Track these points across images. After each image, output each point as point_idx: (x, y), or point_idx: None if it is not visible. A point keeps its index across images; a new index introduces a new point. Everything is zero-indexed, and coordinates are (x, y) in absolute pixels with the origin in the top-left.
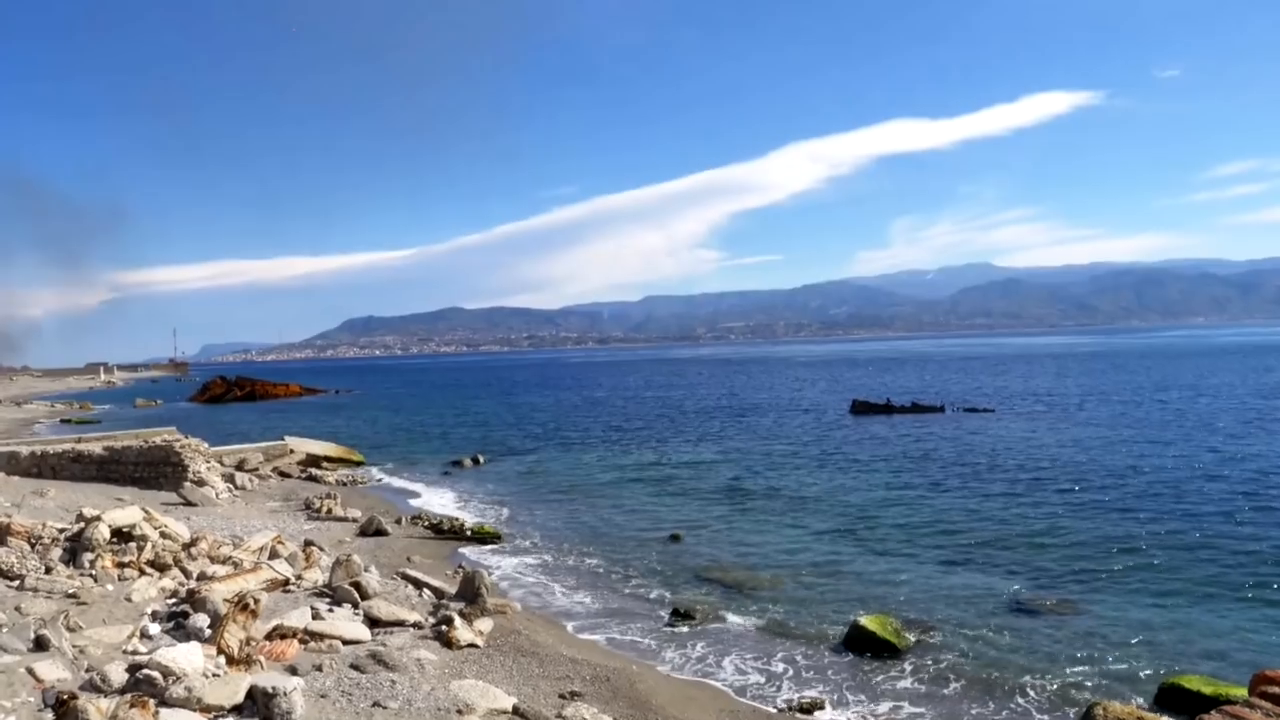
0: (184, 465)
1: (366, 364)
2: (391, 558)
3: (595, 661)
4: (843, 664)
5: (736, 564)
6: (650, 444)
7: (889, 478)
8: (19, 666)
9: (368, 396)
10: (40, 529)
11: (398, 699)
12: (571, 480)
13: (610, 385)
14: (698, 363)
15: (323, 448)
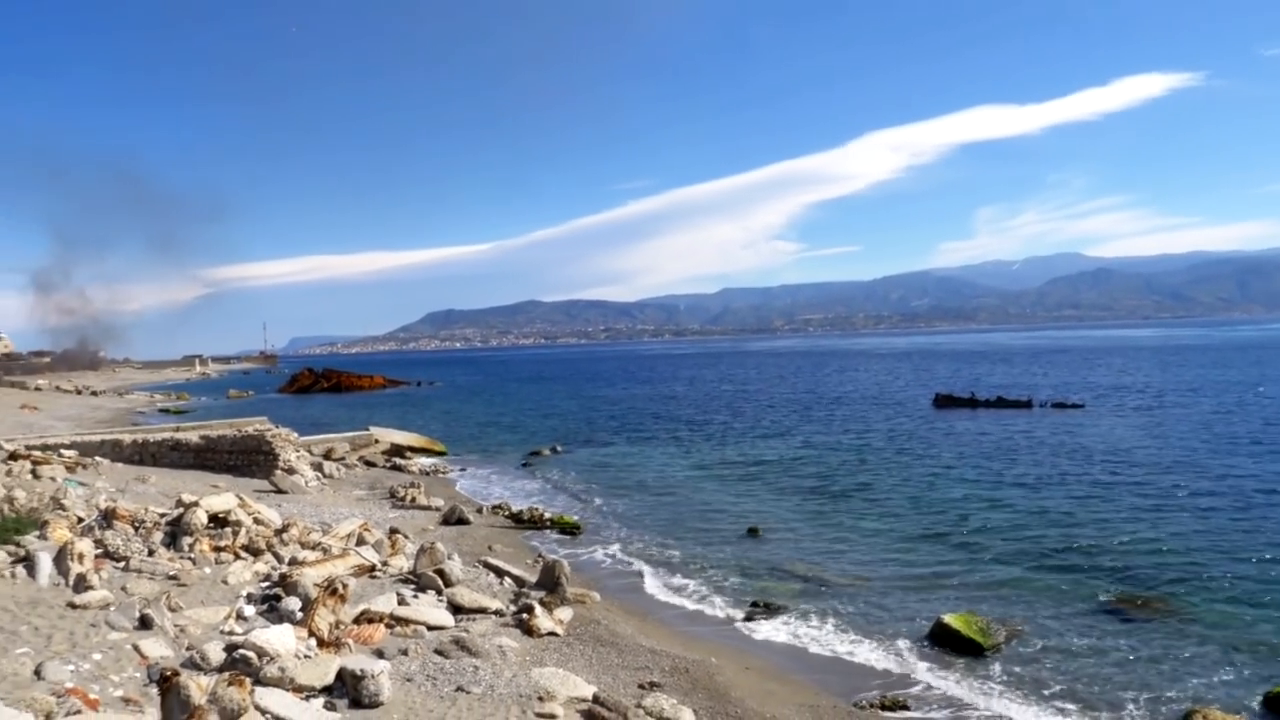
0: (275, 454)
1: (447, 356)
2: (473, 546)
3: (674, 653)
4: (926, 662)
5: (815, 558)
6: (727, 437)
7: (972, 473)
8: (126, 643)
9: (448, 388)
10: (143, 513)
11: (481, 684)
12: (649, 472)
13: (687, 378)
14: (775, 355)
15: (406, 438)
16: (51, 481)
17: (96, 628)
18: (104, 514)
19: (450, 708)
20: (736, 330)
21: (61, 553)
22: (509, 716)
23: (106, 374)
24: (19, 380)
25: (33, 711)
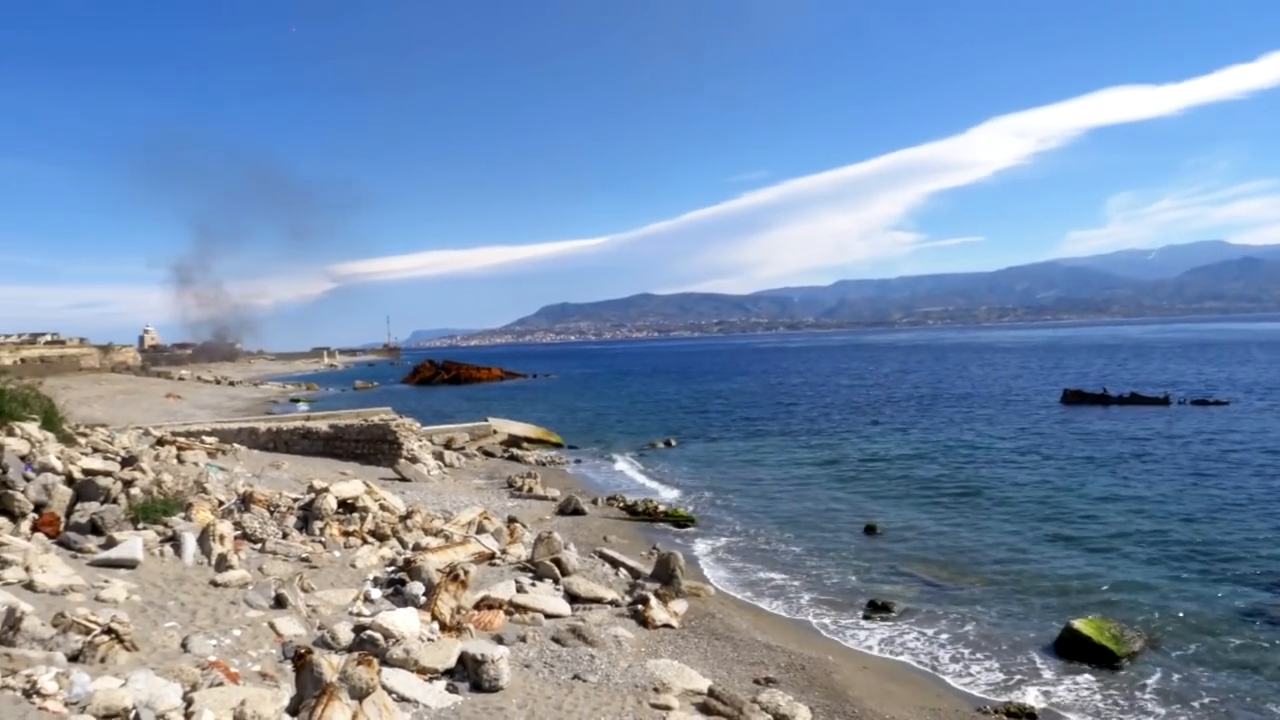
0: (399, 443)
1: (562, 349)
2: (589, 536)
3: (790, 649)
4: (1054, 669)
5: (936, 558)
6: (844, 432)
7: (1103, 473)
8: (262, 621)
9: (563, 380)
10: (277, 498)
11: (596, 673)
12: (764, 466)
13: (802, 371)
14: (893, 349)
15: (523, 429)
16: (194, 466)
17: (236, 605)
18: (242, 498)
19: (567, 695)
20: (852, 323)
21: (204, 534)
22: (625, 706)
23: (243, 365)
24: (164, 371)
25: (180, 682)
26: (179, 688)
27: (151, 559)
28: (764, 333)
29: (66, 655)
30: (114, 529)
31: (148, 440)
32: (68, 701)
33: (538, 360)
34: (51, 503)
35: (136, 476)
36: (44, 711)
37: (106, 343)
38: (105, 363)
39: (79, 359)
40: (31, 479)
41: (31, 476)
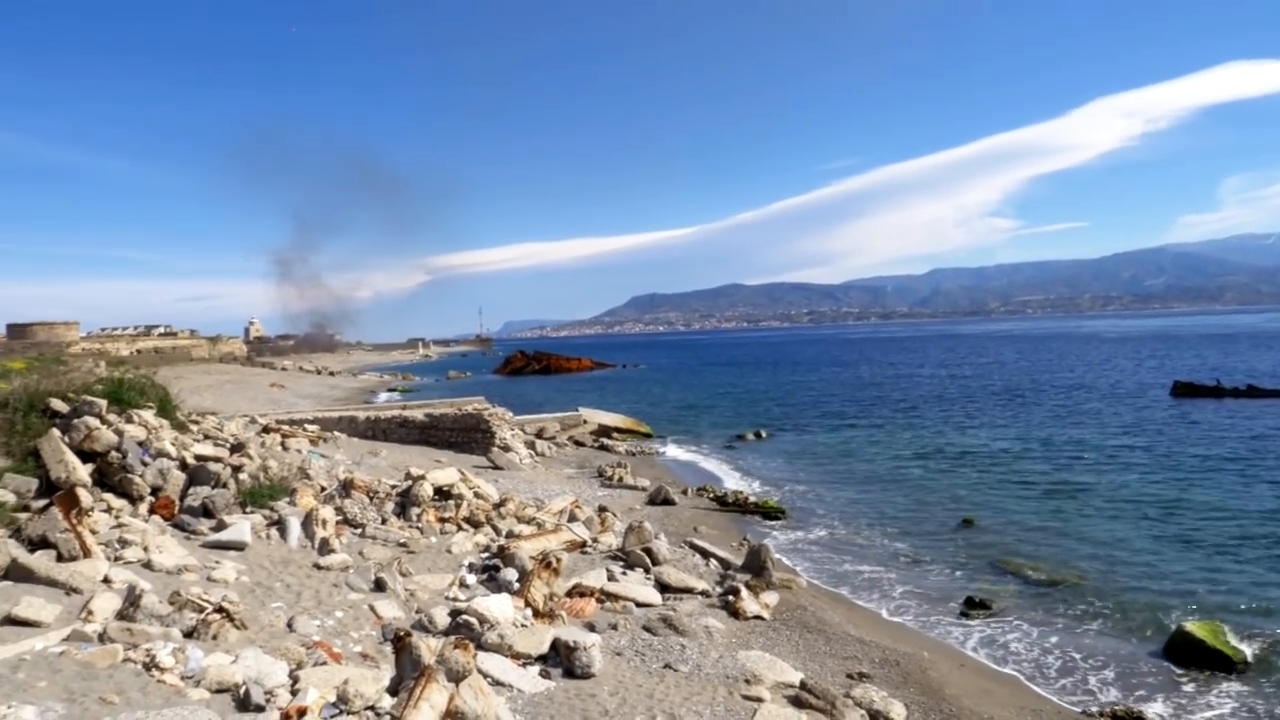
0: (492, 432)
1: (650, 339)
2: (679, 527)
3: (884, 644)
4: (1163, 673)
5: (1037, 554)
6: (939, 424)
7: (1217, 471)
8: (363, 603)
9: (652, 371)
10: (376, 485)
11: (687, 663)
12: (856, 458)
13: (895, 361)
14: (990, 339)
15: (613, 419)
16: (298, 453)
17: (338, 588)
18: (343, 484)
19: (658, 684)
20: (947, 313)
21: (308, 518)
22: (716, 696)
23: (342, 355)
24: (268, 361)
25: (286, 660)
26: (285, 666)
27: (259, 542)
28: (855, 323)
29: (182, 631)
30: (224, 512)
31: (254, 428)
32: (183, 675)
33: (627, 351)
34: (167, 486)
35: (244, 462)
36: (162, 684)
37: (215, 334)
38: (213, 353)
39: (189, 350)
40: (148, 464)
41: (148, 461)
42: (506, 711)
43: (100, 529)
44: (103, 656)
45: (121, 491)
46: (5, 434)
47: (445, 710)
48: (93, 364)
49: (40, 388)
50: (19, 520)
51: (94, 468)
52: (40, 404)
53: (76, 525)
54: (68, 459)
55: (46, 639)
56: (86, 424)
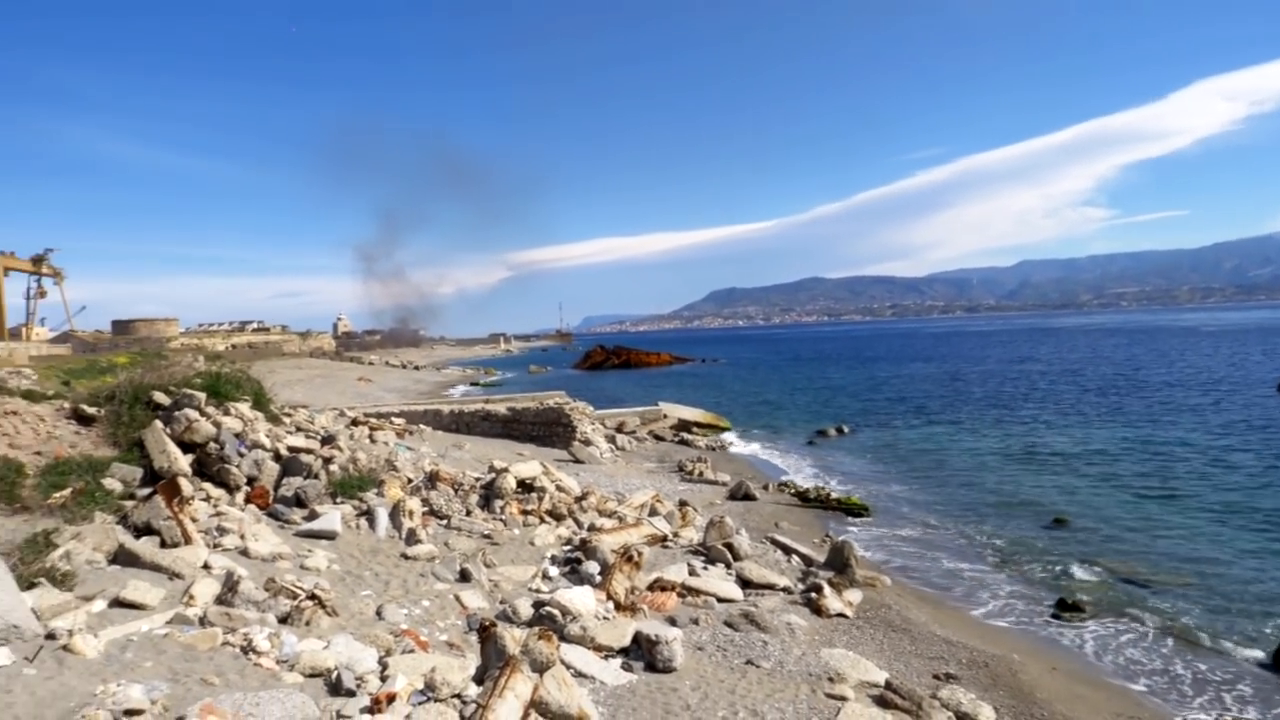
0: (573, 426)
1: (730, 334)
2: (760, 522)
3: (972, 645)
4: (1271, 686)
5: (1133, 556)
6: (1028, 421)
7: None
8: (449, 593)
9: (732, 365)
10: (461, 477)
11: (769, 659)
12: (940, 455)
13: (981, 356)
14: (1082, 333)
15: (693, 413)
16: (385, 445)
17: (425, 578)
18: (429, 476)
19: (740, 680)
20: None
21: (395, 509)
22: (799, 694)
23: (426, 350)
24: (356, 356)
25: (375, 647)
26: (375, 652)
27: (349, 531)
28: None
29: (277, 617)
30: (315, 502)
31: (343, 421)
32: (279, 659)
33: (706, 345)
34: (261, 477)
35: (335, 454)
36: (259, 667)
37: (305, 330)
38: (303, 348)
39: (281, 345)
40: (244, 455)
41: (244, 452)
42: (589, 703)
43: (200, 517)
44: (203, 639)
45: (219, 481)
46: (112, 425)
47: (530, 700)
48: (192, 358)
49: (144, 381)
50: (125, 508)
51: (194, 458)
52: (144, 397)
53: (178, 513)
54: (170, 449)
55: (151, 621)
56: (187, 416)
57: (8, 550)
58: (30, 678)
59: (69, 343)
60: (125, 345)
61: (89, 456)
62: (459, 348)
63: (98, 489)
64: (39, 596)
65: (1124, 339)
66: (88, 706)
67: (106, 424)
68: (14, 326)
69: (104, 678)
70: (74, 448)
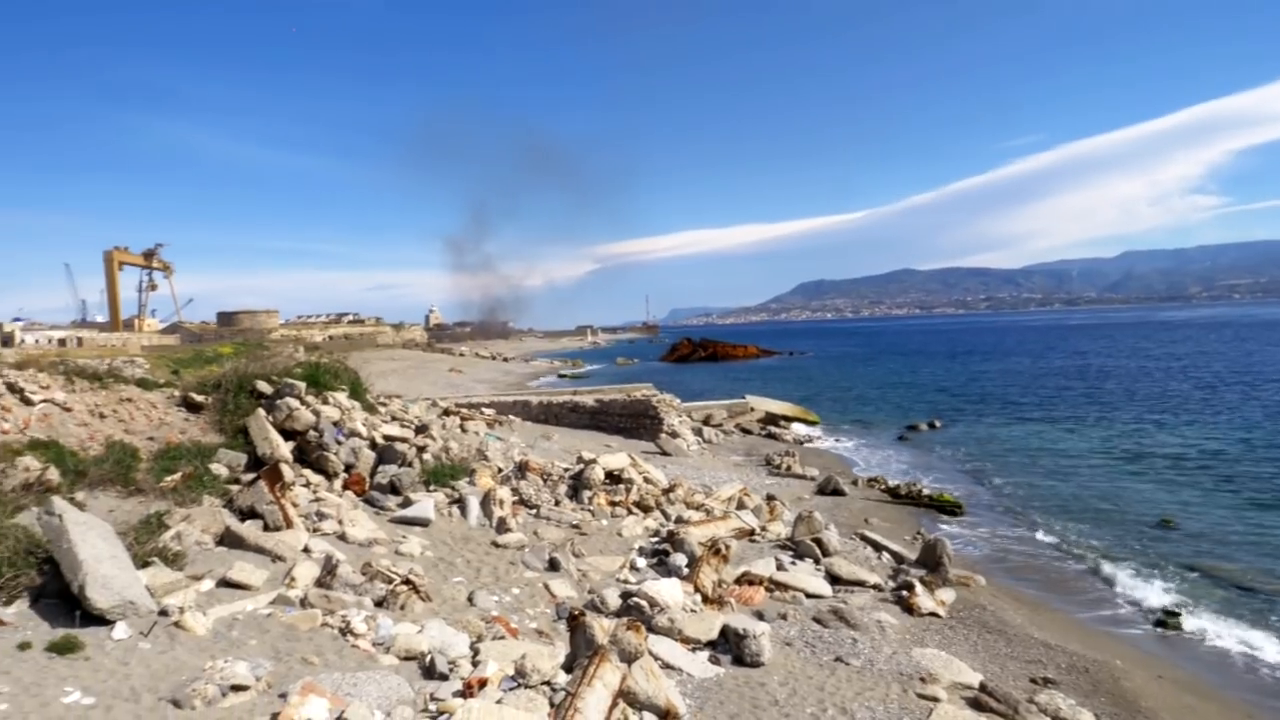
0: (660, 418)
1: (818, 327)
2: (849, 518)
3: (1071, 649)
4: None
5: (1245, 561)
6: (1131, 419)
7: None
8: (538, 581)
9: (820, 358)
10: (550, 467)
11: (859, 657)
12: (1037, 453)
13: (1081, 351)
14: (1190, 327)
15: (781, 407)
16: (475, 435)
17: (514, 566)
18: (519, 466)
19: (829, 677)
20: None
21: (486, 498)
22: (889, 693)
23: (514, 342)
24: (447, 347)
25: (467, 633)
26: (466, 638)
27: (441, 518)
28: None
29: (373, 600)
30: (410, 490)
31: (435, 410)
32: (375, 642)
33: (794, 338)
34: (358, 464)
35: (428, 443)
36: (356, 649)
37: (398, 321)
38: (397, 340)
39: (375, 336)
40: (342, 443)
41: (342, 440)
42: (676, 695)
43: (300, 502)
44: (304, 620)
45: (318, 468)
46: (218, 412)
47: (617, 689)
48: (292, 349)
49: (248, 371)
50: (231, 492)
51: (294, 445)
52: (248, 385)
53: (280, 498)
54: (272, 437)
55: (255, 601)
56: (288, 404)
57: (124, 530)
58: (145, 652)
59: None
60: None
61: (197, 442)
62: (546, 340)
63: (206, 473)
64: (152, 575)
65: (1236, 333)
66: (197, 681)
67: (213, 411)
68: (127, 318)
69: (212, 654)
70: (183, 433)
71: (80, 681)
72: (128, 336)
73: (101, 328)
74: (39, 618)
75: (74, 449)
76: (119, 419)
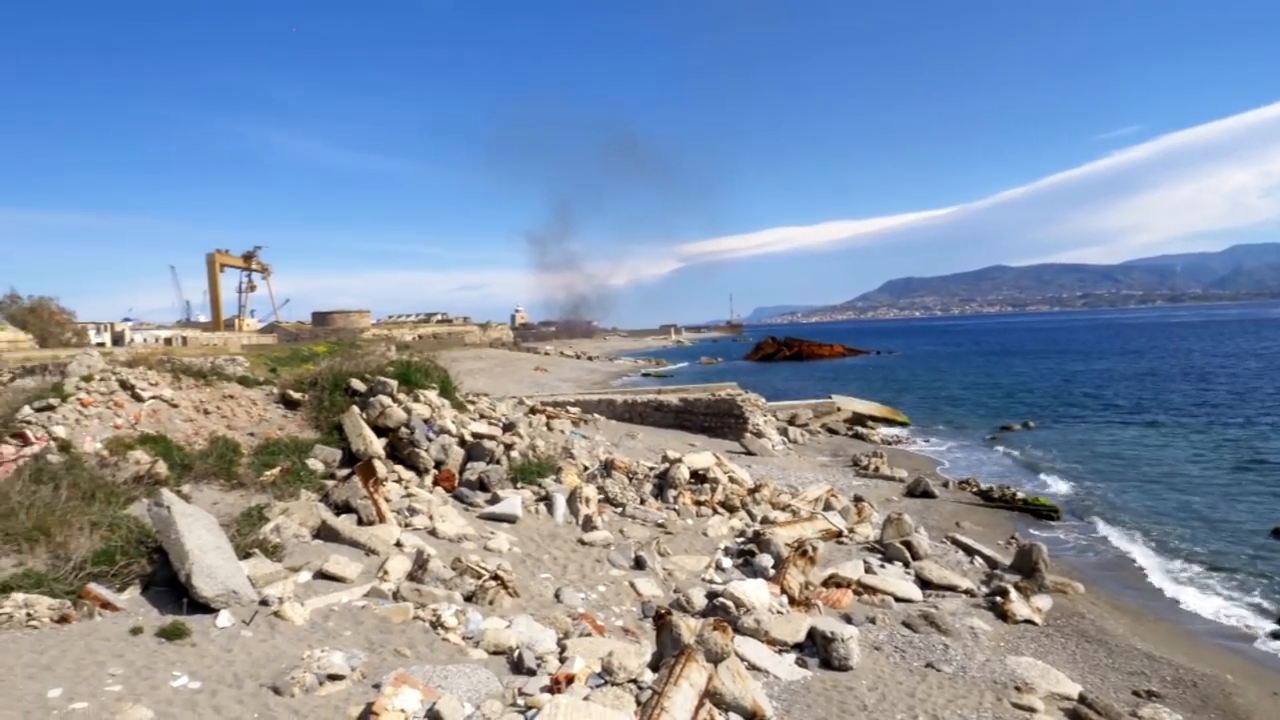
0: (745, 417)
1: (906, 325)
2: (939, 521)
3: (1177, 662)
4: None
5: None
6: (1242, 421)
7: None
8: (624, 580)
9: (908, 358)
10: (635, 466)
11: (951, 664)
12: (1139, 456)
13: (1185, 350)
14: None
15: (868, 407)
16: (561, 433)
17: (600, 564)
18: (604, 464)
19: (920, 683)
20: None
21: (572, 495)
22: (983, 702)
23: (598, 341)
24: (532, 346)
25: (554, 629)
26: (553, 634)
27: (528, 515)
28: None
29: (463, 595)
30: (497, 487)
31: (521, 409)
32: (464, 636)
33: (881, 337)
34: (448, 461)
35: (515, 441)
36: (446, 642)
37: (485, 321)
38: (483, 339)
39: (463, 335)
40: (433, 440)
41: (433, 437)
42: (763, 696)
43: (392, 497)
44: (396, 613)
45: (410, 464)
46: (314, 409)
47: (704, 690)
48: (384, 348)
49: (342, 369)
50: (327, 487)
51: (387, 441)
52: (342, 383)
53: (374, 493)
54: (365, 433)
55: (350, 593)
56: (381, 402)
57: (227, 522)
58: (247, 640)
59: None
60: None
61: (295, 438)
62: (630, 339)
63: (303, 468)
64: (253, 566)
65: None
66: (296, 669)
67: (310, 408)
68: (228, 318)
69: (309, 643)
70: (282, 430)
71: (187, 666)
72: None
73: (204, 327)
74: (149, 604)
75: (180, 443)
76: (222, 415)
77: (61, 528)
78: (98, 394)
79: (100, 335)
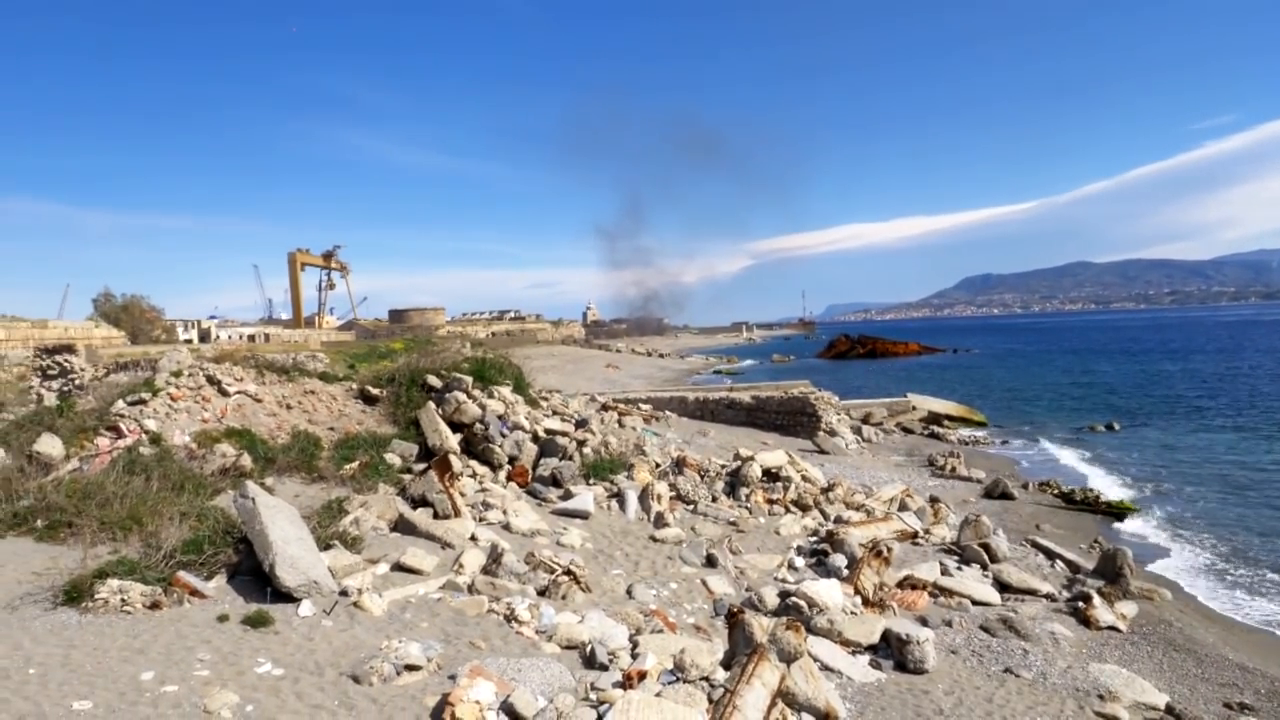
0: (817, 416)
1: (984, 323)
2: (1018, 523)
3: (1272, 674)
4: None
5: None
6: None
7: None
8: (695, 577)
9: (986, 356)
10: (706, 463)
11: (1031, 670)
12: (1229, 460)
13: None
14: None
15: (944, 406)
16: (632, 430)
17: (672, 560)
18: (676, 461)
19: (998, 688)
20: None
21: (644, 492)
22: (1064, 710)
23: (669, 338)
24: (604, 343)
25: (626, 625)
26: (625, 630)
27: (600, 512)
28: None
29: (536, 589)
30: (570, 483)
31: (593, 406)
32: (538, 629)
33: (957, 334)
34: (521, 456)
35: (587, 438)
36: (520, 635)
37: (557, 318)
38: (555, 336)
39: (535, 333)
40: (506, 435)
41: (506, 433)
42: (836, 698)
43: (467, 492)
44: (471, 606)
45: (484, 459)
46: (392, 405)
47: (776, 689)
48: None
49: (419, 366)
50: (404, 481)
51: (462, 437)
52: (419, 380)
53: (449, 488)
54: (441, 429)
55: (427, 586)
56: (456, 398)
57: (308, 514)
58: (328, 629)
59: (353, 330)
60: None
61: (373, 433)
62: (702, 336)
63: (381, 463)
64: (334, 557)
65: None
66: (374, 659)
67: (387, 404)
68: (309, 315)
69: (387, 634)
70: (360, 424)
71: (271, 654)
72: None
73: (285, 324)
74: (235, 593)
75: (264, 437)
76: (303, 410)
77: (153, 517)
78: (186, 389)
79: (188, 332)
